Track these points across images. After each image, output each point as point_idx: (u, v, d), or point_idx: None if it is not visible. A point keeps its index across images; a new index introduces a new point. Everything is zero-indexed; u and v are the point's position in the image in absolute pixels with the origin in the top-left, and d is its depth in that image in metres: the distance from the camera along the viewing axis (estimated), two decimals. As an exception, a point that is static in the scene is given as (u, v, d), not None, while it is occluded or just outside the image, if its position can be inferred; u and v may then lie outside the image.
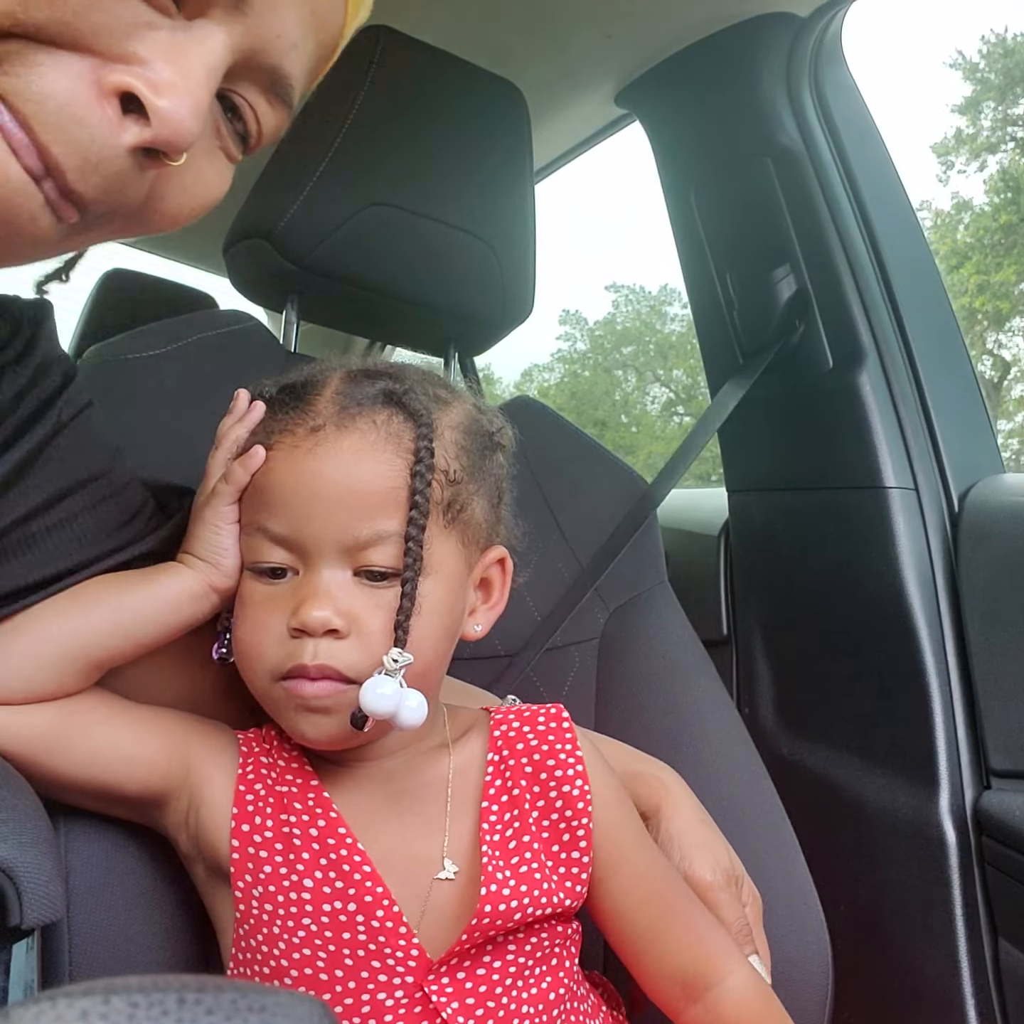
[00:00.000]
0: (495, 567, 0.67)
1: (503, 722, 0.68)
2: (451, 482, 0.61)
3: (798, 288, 1.13)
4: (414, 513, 0.58)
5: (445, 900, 0.61)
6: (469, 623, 0.66)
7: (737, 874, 0.74)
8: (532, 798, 0.65)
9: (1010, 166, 14.87)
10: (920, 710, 0.99)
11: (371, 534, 0.58)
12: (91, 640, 0.60)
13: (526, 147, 1.05)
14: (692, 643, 0.99)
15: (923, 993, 0.96)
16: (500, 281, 1.02)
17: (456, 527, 0.62)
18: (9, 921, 0.50)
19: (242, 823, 0.60)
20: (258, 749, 0.64)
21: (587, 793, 0.64)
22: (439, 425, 0.62)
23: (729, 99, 1.15)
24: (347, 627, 0.57)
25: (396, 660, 0.57)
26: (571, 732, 0.67)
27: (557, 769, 0.65)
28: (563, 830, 0.64)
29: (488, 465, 0.66)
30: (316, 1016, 0.23)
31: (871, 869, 1.02)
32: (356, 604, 0.58)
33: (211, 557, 0.63)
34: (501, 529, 0.68)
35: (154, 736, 0.62)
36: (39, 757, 0.59)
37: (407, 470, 0.59)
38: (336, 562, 0.58)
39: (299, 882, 0.59)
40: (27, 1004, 0.21)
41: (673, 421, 18.62)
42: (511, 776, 0.65)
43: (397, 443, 0.59)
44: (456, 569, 0.62)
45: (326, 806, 0.61)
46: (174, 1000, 0.22)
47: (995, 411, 14.51)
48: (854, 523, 1.08)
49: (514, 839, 0.63)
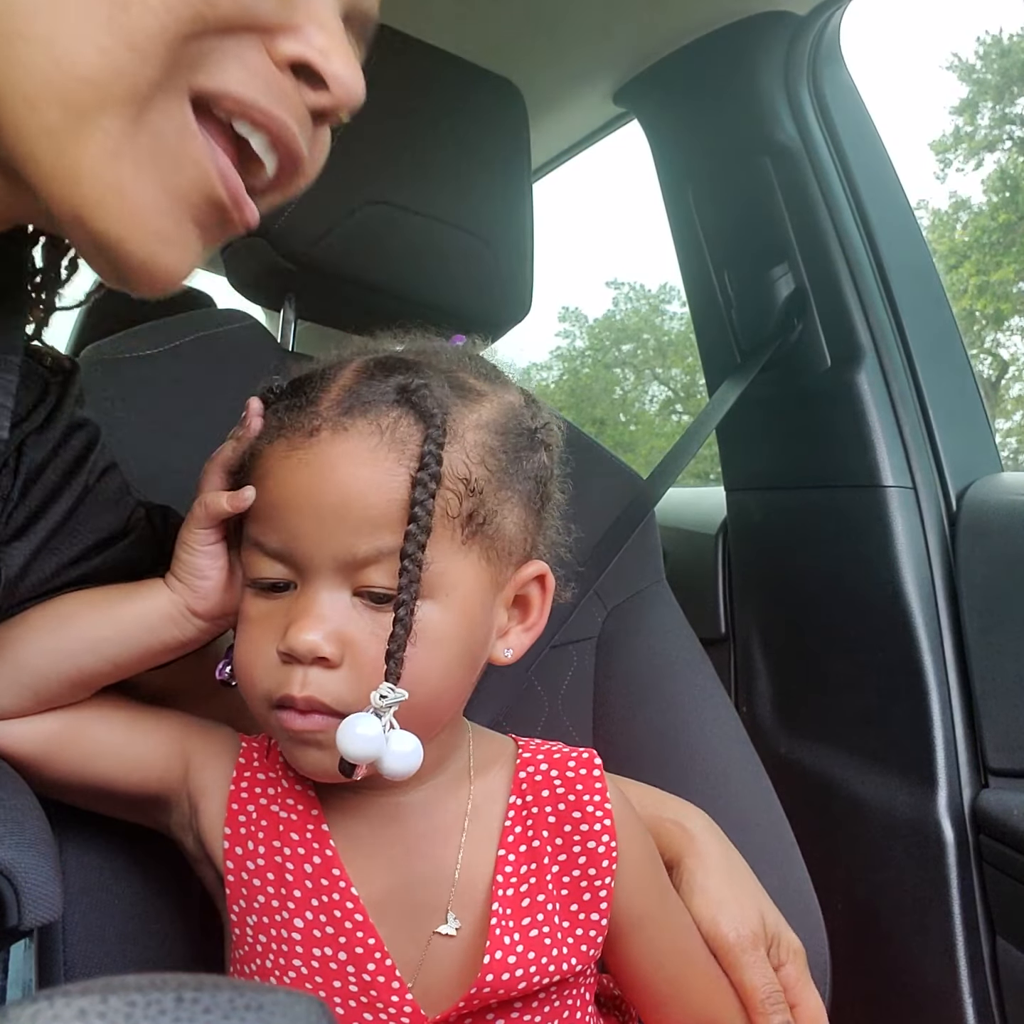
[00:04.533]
0: (534, 584, 0.59)
1: (531, 762, 0.62)
2: (472, 491, 0.54)
3: (796, 287, 1.13)
4: (412, 528, 0.51)
5: (445, 955, 0.56)
6: (498, 647, 0.59)
7: (771, 932, 0.68)
8: (553, 851, 0.59)
9: (1008, 165, 14.87)
10: (918, 708, 0.99)
11: (370, 551, 0.52)
12: (65, 659, 0.58)
13: (524, 145, 1.04)
14: (690, 642, 0.99)
15: (921, 991, 0.96)
16: (498, 279, 1.02)
17: (478, 542, 0.55)
18: (7, 922, 0.50)
19: (235, 846, 0.57)
20: (258, 764, 0.60)
21: (613, 851, 0.59)
22: (461, 426, 0.55)
23: (727, 97, 1.15)
24: (339, 655, 0.52)
25: (384, 696, 0.50)
26: (601, 782, 0.61)
27: (583, 823, 0.59)
28: (584, 889, 0.59)
29: (526, 467, 0.58)
30: (314, 1015, 0.23)
31: (869, 868, 1.02)
32: (353, 628, 0.52)
33: (187, 579, 0.59)
34: (543, 540, 0.60)
35: (152, 738, 0.61)
36: (38, 760, 0.59)
37: (410, 479, 0.52)
38: (334, 581, 0.53)
39: (290, 920, 0.55)
40: (25, 1003, 0.21)
41: (672, 419, 18.62)
42: (533, 825, 0.59)
43: (401, 449, 0.52)
44: (476, 589, 0.55)
45: (323, 841, 0.57)
46: (172, 999, 0.22)
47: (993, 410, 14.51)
48: (852, 522, 1.08)
49: (528, 896, 0.57)
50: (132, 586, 0.61)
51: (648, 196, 1.34)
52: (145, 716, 0.62)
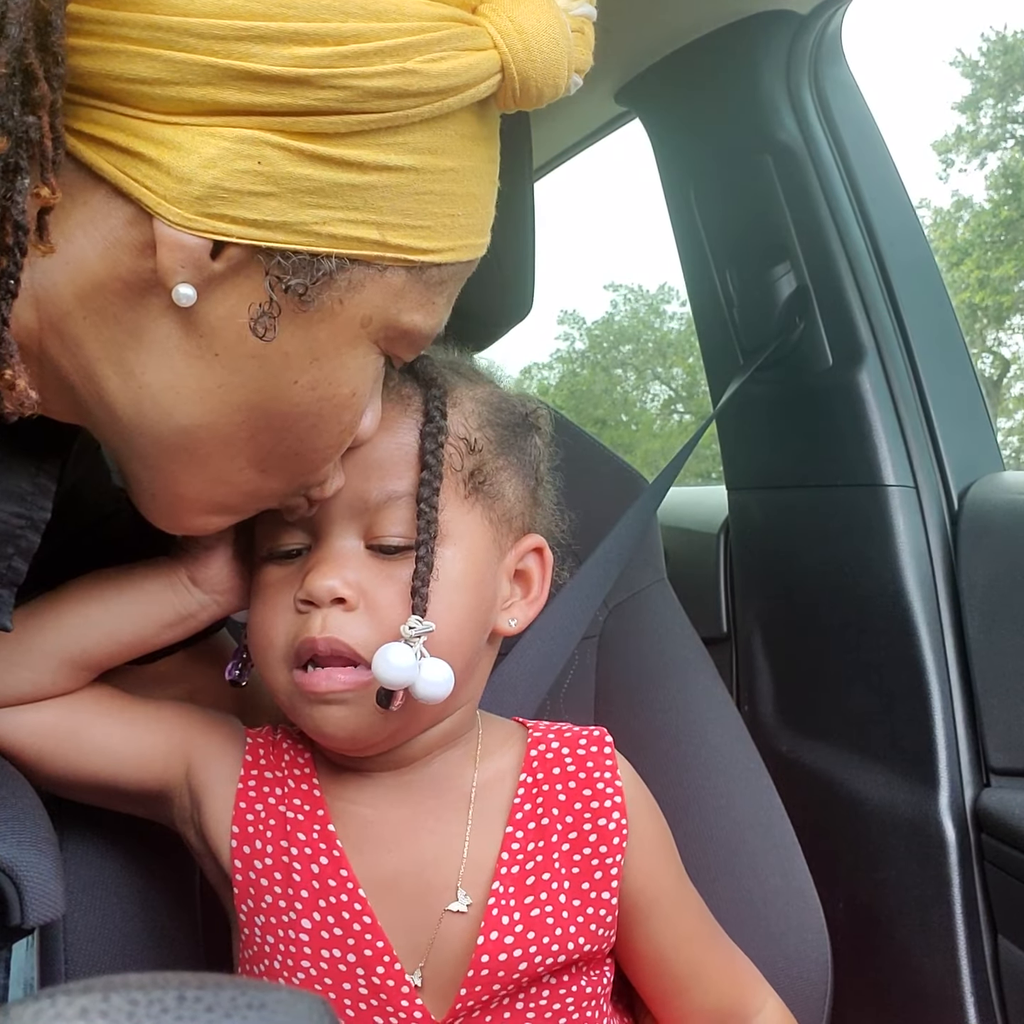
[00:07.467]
0: (533, 557, 0.62)
1: (541, 740, 0.63)
2: (472, 450, 0.58)
3: (798, 285, 1.13)
4: (425, 474, 0.54)
5: (456, 934, 0.56)
6: (504, 617, 0.61)
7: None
8: (564, 829, 0.59)
9: (1010, 162, 14.85)
10: (920, 707, 0.99)
11: (381, 495, 0.55)
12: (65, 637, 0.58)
13: (525, 144, 1.04)
14: (691, 641, 0.99)
15: (922, 990, 0.95)
16: (499, 279, 1.02)
17: (480, 500, 0.58)
18: (10, 920, 0.50)
19: (243, 844, 0.57)
20: (264, 762, 0.60)
21: (624, 828, 0.60)
22: (459, 395, 0.59)
23: (729, 96, 1.15)
24: (356, 598, 0.54)
25: (413, 627, 0.53)
26: (612, 759, 0.62)
27: (593, 800, 0.60)
28: (595, 867, 0.59)
29: (523, 444, 0.62)
30: (316, 1013, 0.23)
31: (870, 867, 1.02)
32: (368, 575, 0.55)
33: (191, 546, 0.60)
34: (539, 517, 0.64)
35: (151, 733, 0.60)
36: (34, 753, 0.59)
37: (416, 430, 0.56)
38: (347, 531, 0.55)
39: (297, 921, 0.56)
40: (26, 1002, 0.21)
41: (672, 419, 18.60)
42: (543, 803, 0.60)
43: (406, 404, 0.57)
44: (481, 544, 0.58)
45: (330, 842, 0.57)
46: (174, 997, 0.22)
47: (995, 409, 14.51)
48: (854, 521, 1.08)
49: (533, 875, 0.58)
50: (131, 563, 0.61)
51: (645, 197, 1.34)
52: (145, 711, 0.61)
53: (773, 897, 0.79)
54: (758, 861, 0.79)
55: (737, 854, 0.83)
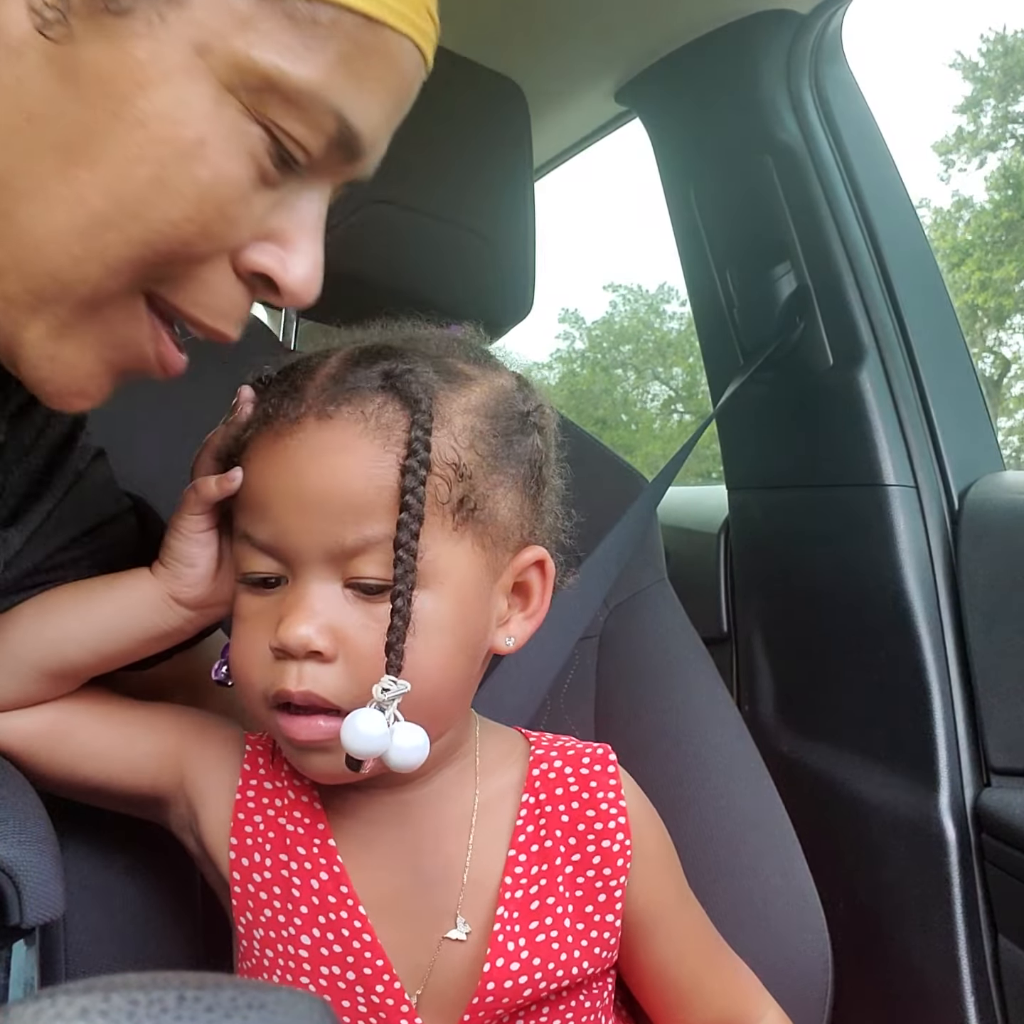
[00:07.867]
0: (533, 570, 0.58)
1: (544, 759, 0.61)
2: (462, 477, 0.53)
3: (799, 285, 1.12)
4: (404, 516, 0.49)
5: (456, 961, 0.55)
6: (499, 636, 0.57)
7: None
8: (567, 851, 0.58)
9: (1011, 163, 14.85)
10: (920, 707, 0.99)
11: (358, 540, 0.50)
12: (47, 648, 0.57)
13: (526, 144, 1.04)
14: (692, 641, 0.99)
15: (923, 990, 0.95)
16: (499, 278, 1.02)
17: (471, 528, 0.53)
18: (9, 920, 0.50)
19: (242, 857, 0.56)
20: (264, 772, 0.59)
21: (628, 849, 0.58)
22: (448, 410, 0.53)
23: (729, 96, 1.15)
24: (333, 649, 0.50)
25: (387, 689, 0.49)
26: (616, 778, 0.60)
27: (597, 821, 0.58)
28: (599, 890, 0.58)
29: (518, 451, 0.56)
30: (316, 1014, 0.23)
31: (871, 867, 1.02)
32: (346, 621, 0.51)
33: (173, 566, 0.57)
34: (541, 525, 0.59)
35: (144, 741, 0.59)
36: (30, 759, 0.58)
37: (397, 466, 0.50)
38: (324, 573, 0.51)
39: (296, 936, 0.55)
40: (27, 1002, 0.21)
41: (673, 419, 18.61)
42: (547, 824, 0.58)
43: (387, 435, 0.51)
44: (471, 577, 0.54)
45: (330, 857, 0.56)
46: (174, 997, 0.22)
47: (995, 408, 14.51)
48: (854, 520, 1.08)
49: (537, 899, 0.56)
50: (115, 575, 0.60)
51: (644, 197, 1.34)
52: (139, 717, 0.61)
53: (773, 897, 0.79)
54: (758, 861, 0.79)
55: (737, 854, 0.83)
